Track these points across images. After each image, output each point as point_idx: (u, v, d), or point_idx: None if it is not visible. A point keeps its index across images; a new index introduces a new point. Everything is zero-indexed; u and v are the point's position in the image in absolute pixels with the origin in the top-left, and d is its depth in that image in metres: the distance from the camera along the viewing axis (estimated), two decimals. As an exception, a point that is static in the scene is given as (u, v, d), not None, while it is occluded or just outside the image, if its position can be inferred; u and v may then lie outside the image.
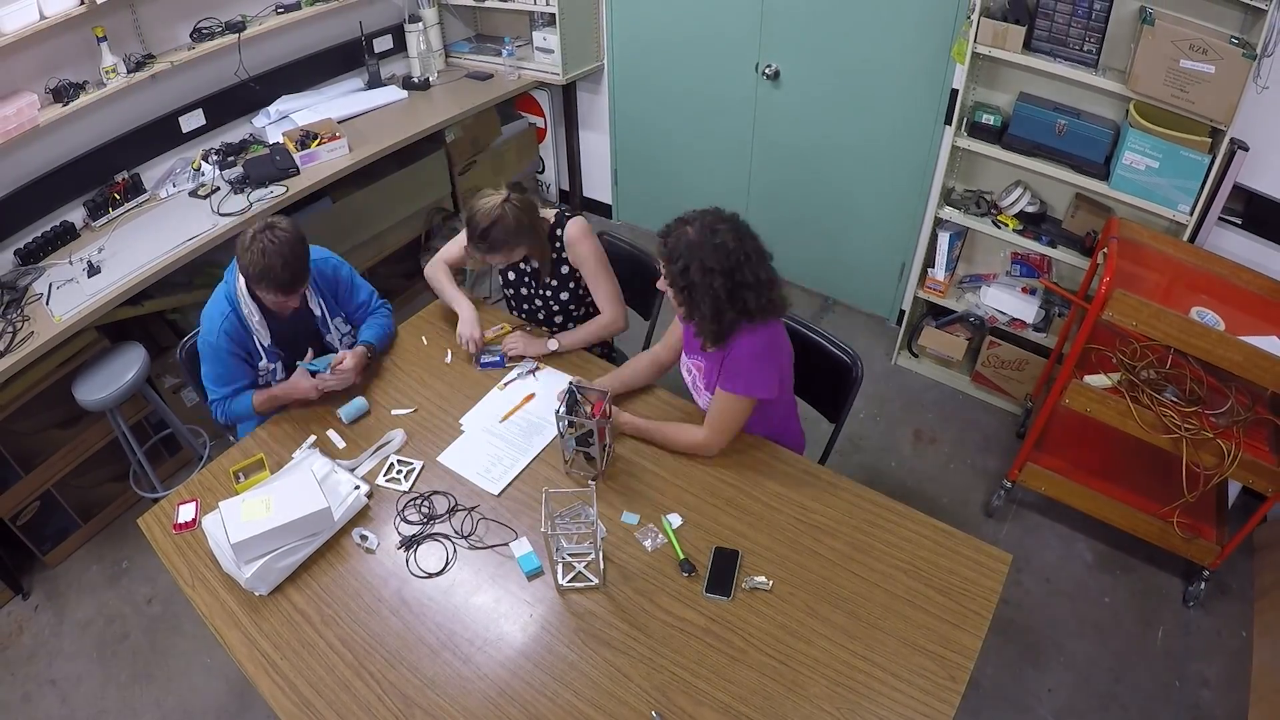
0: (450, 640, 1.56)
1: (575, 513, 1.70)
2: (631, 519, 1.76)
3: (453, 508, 1.80)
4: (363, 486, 1.81)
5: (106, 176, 2.87)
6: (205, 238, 2.66)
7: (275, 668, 1.53)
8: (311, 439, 1.99)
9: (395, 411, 2.06)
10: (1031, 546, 2.66)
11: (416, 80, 3.66)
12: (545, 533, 1.54)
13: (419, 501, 1.82)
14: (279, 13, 3.16)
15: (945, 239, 2.99)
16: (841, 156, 3.34)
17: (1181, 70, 2.23)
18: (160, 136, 3.00)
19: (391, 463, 1.91)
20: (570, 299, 2.30)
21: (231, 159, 3.05)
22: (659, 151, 3.92)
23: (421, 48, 3.67)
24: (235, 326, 2.00)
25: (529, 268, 2.28)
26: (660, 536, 1.72)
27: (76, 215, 2.81)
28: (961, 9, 2.74)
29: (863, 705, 1.44)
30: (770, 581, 1.62)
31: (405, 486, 1.85)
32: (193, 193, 2.92)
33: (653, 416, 1.97)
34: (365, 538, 1.74)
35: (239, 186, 2.91)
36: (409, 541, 1.73)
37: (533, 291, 2.31)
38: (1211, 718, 2.22)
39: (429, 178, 3.55)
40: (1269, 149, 2.34)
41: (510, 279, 2.34)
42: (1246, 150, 2.33)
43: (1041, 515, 2.76)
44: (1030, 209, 2.84)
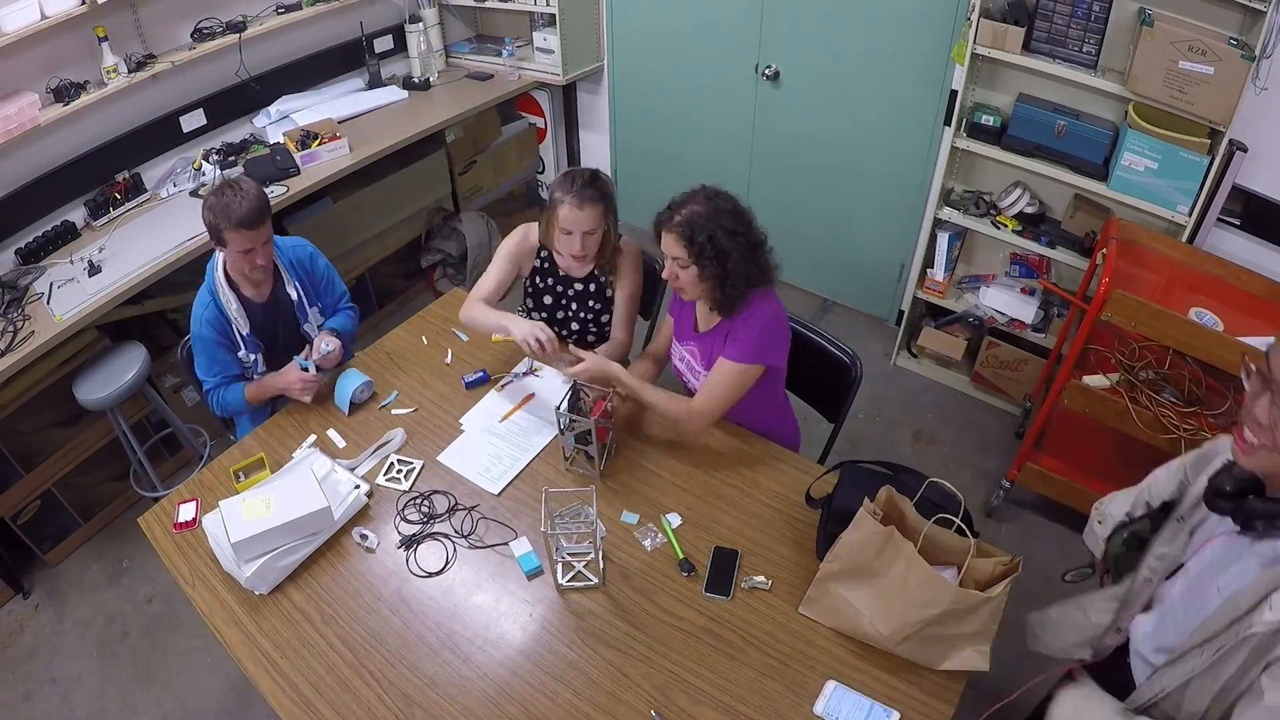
0: (450, 639, 1.56)
1: (575, 512, 1.70)
2: (631, 519, 1.76)
3: (453, 507, 1.81)
4: (363, 486, 1.82)
5: (107, 176, 2.87)
6: (206, 237, 2.65)
7: (275, 667, 1.53)
8: (312, 438, 1.99)
9: (395, 411, 2.06)
10: (1031, 546, 2.66)
11: (417, 80, 3.66)
12: (545, 532, 1.54)
13: (419, 501, 1.82)
14: (280, 13, 3.17)
15: (944, 239, 3.00)
16: (841, 157, 3.34)
17: (1180, 71, 2.23)
18: (161, 136, 3.01)
19: (391, 462, 1.91)
20: (610, 321, 2.25)
21: (232, 159, 3.06)
22: (659, 152, 3.92)
23: (422, 48, 3.67)
24: (216, 316, 2.06)
25: (571, 289, 2.20)
26: (660, 536, 1.73)
27: (77, 215, 2.81)
28: (961, 10, 2.74)
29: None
30: (770, 581, 1.62)
31: (405, 486, 1.86)
32: (193, 192, 2.92)
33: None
34: (365, 537, 1.74)
35: (239, 186, 2.92)
36: (409, 541, 1.74)
37: (571, 314, 2.23)
38: (1210, 718, 2.23)
39: (429, 178, 3.55)
40: (1268, 150, 2.35)
41: (547, 303, 2.25)
42: (1245, 151, 2.33)
43: (1040, 515, 2.77)
44: (1029, 210, 2.84)
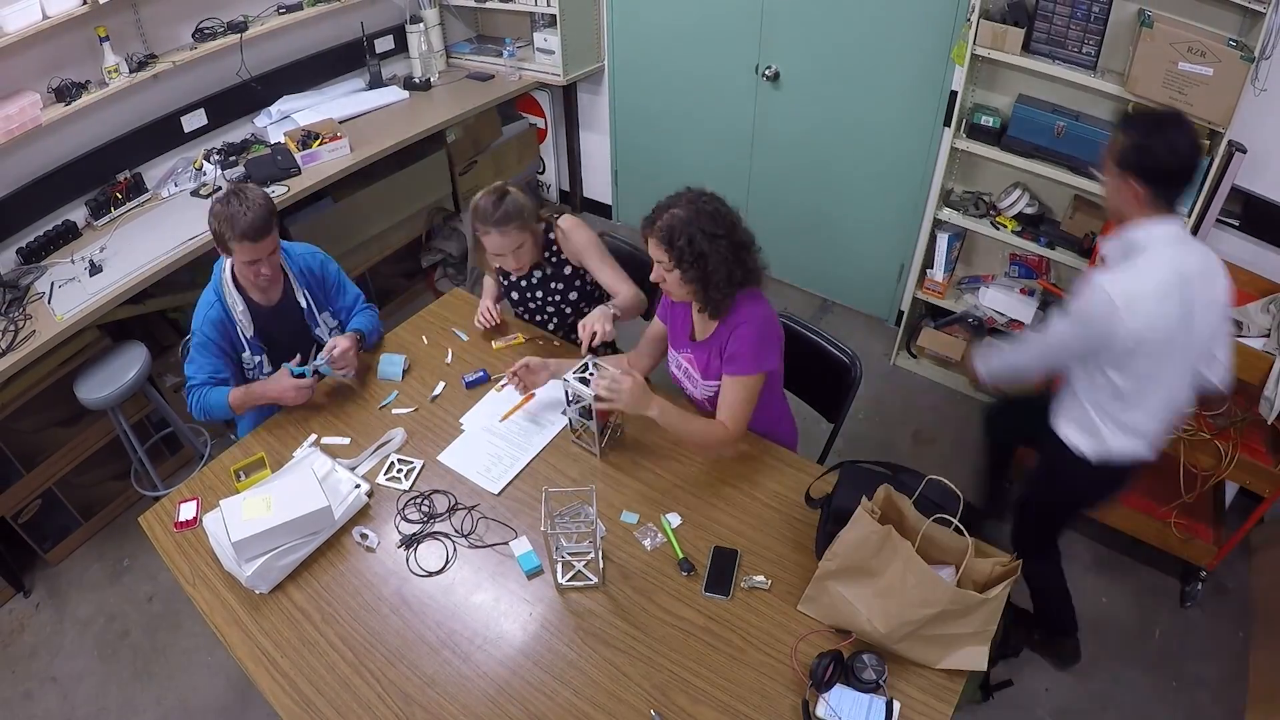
0: (450, 638, 1.56)
1: (575, 512, 1.70)
2: (631, 518, 1.77)
3: (453, 506, 1.81)
4: (363, 485, 1.82)
5: (108, 176, 2.88)
6: (206, 237, 2.64)
7: (276, 666, 1.53)
8: (312, 437, 1.99)
9: (396, 411, 2.06)
10: (1030, 547, 2.67)
11: (418, 81, 3.67)
12: (545, 531, 1.54)
13: (419, 500, 1.82)
14: (281, 13, 3.17)
15: (944, 240, 3.00)
16: (841, 157, 3.34)
17: (1180, 72, 2.23)
18: (162, 136, 3.01)
19: (392, 462, 1.92)
20: (580, 297, 2.30)
21: (233, 159, 3.06)
22: (659, 152, 3.93)
23: (423, 48, 3.68)
24: (220, 316, 2.03)
25: (532, 280, 2.27)
26: (659, 535, 1.73)
27: (78, 214, 2.81)
28: (961, 11, 2.75)
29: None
30: (769, 581, 1.63)
31: (405, 485, 1.86)
32: (194, 192, 2.93)
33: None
34: (365, 536, 1.75)
35: (240, 186, 2.92)
36: (409, 540, 1.74)
37: (541, 303, 2.31)
38: (1209, 718, 2.23)
39: (430, 178, 3.56)
40: (1267, 151, 2.35)
41: (514, 299, 2.33)
42: (1244, 152, 2.33)
43: (1040, 516, 2.77)
44: (1029, 210, 2.85)
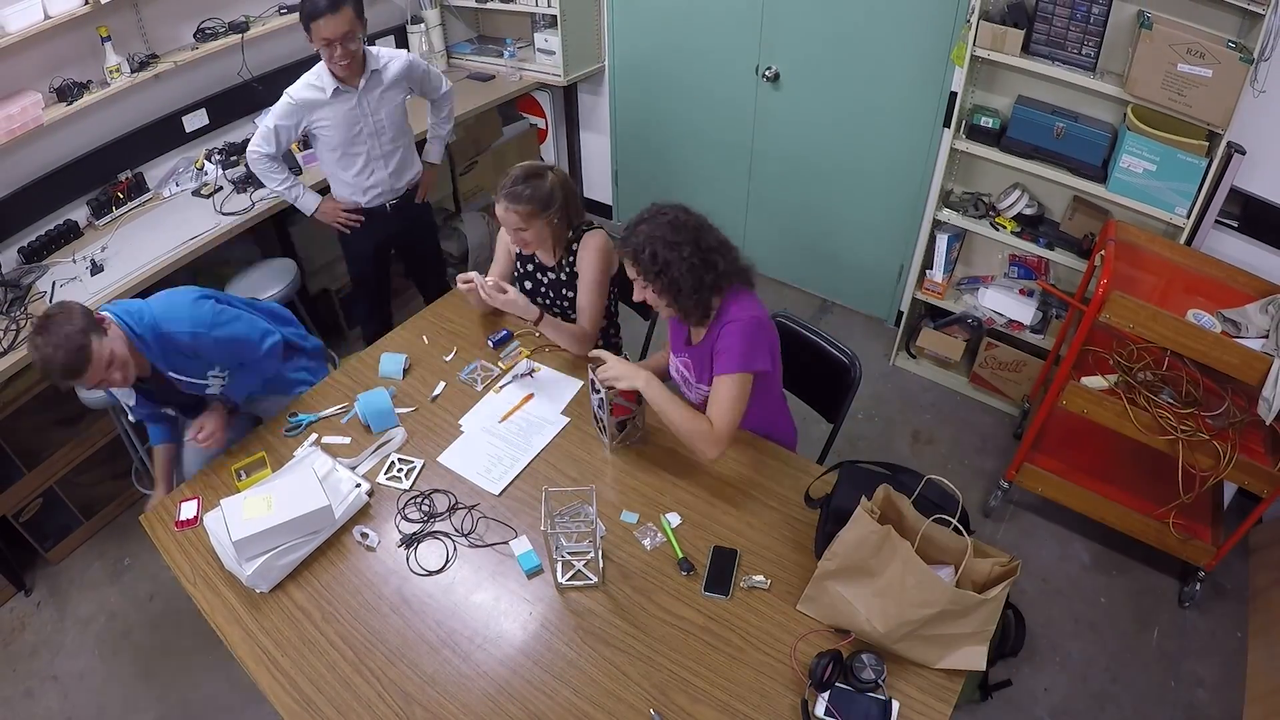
0: (450, 638, 1.57)
1: (574, 511, 1.71)
2: (631, 518, 1.77)
3: (453, 506, 1.81)
4: (363, 485, 1.82)
5: (110, 175, 2.88)
6: (208, 237, 2.68)
7: (276, 665, 1.54)
8: (313, 437, 2.00)
9: (396, 410, 2.06)
10: (1028, 547, 2.67)
11: (418, 81, 3.67)
12: (545, 531, 1.55)
13: (419, 500, 1.83)
14: (282, 13, 3.17)
15: (943, 241, 3.00)
16: (841, 158, 3.35)
17: (1179, 74, 2.24)
18: (163, 136, 3.02)
19: (392, 461, 1.92)
20: None
21: (234, 158, 3.07)
22: (659, 152, 3.93)
23: (423, 49, 3.68)
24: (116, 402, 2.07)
25: (545, 278, 2.27)
26: (659, 535, 1.74)
27: (80, 214, 2.82)
28: (961, 12, 2.75)
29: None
30: (769, 580, 1.63)
31: (406, 485, 1.87)
32: (195, 192, 2.94)
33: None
34: (366, 535, 1.75)
35: (242, 186, 2.93)
36: (409, 539, 1.74)
37: (552, 301, 2.30)
38: (1206, 718, 2.23)
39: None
40: (1265, 152, 2.36)
41: (528, 287, 2.33)
42: (1243, 154, 2.34)
43: (1038, 516, 2.78)
44: (1028, 211, 2.85)
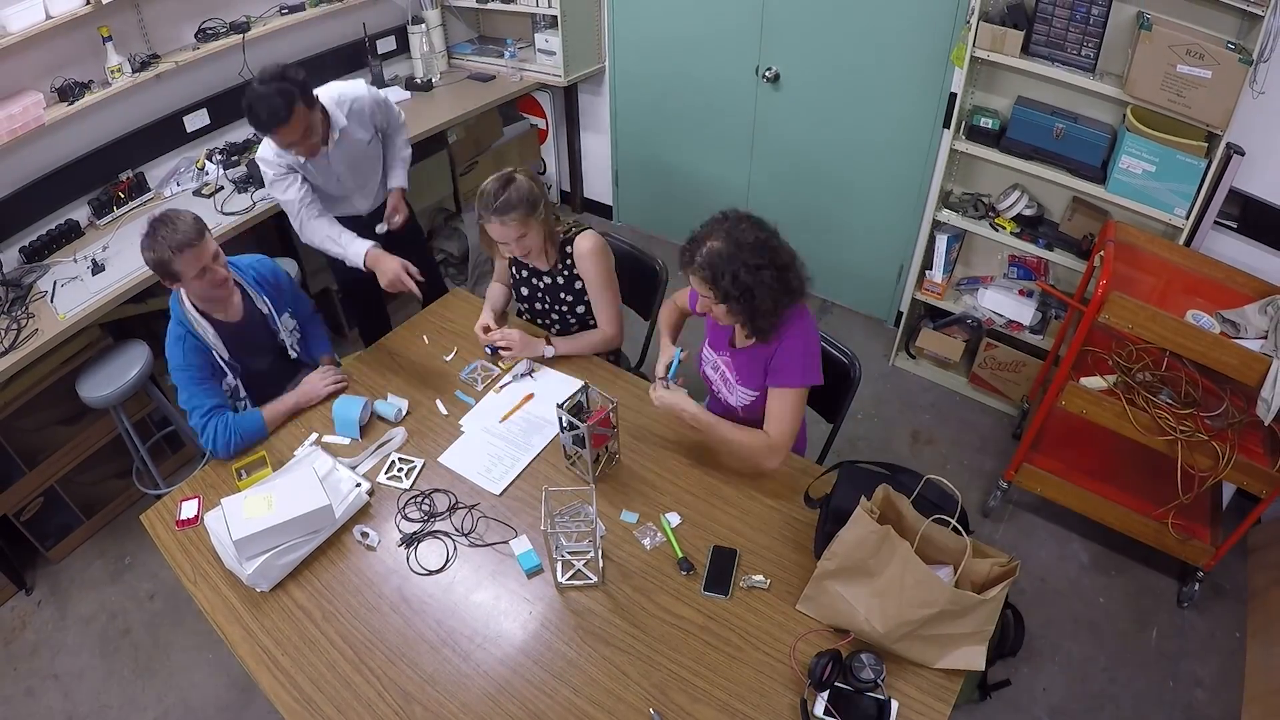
0: (450, 637, 1.57)
1: (574, 511, 1.71)
2: (630, 517, 1.78)
3: (453, 505, 1.82)
4: (364, 484, 1.83)
5: (111, 175, 2.89)
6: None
7: (276, 663, 1.54)
8: (313, 436, 2.00)
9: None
10: (1027, 547, 2.68)
11: (419, 81, 3.68)
12: (545, 531, 1.55)
13: (420, 499, 1.83)
14: (283, 14, 3.18)
15: (943, 241, 3.01)
16: (840, 158, 3.35)
17: (1178, 75, 2.24)
18: (165, 136, 3.02)
19: (392, 461, 1.93)
20: (586, 312, 2.28)
21: (235, 158, 3.07)
22: (659, 153, 3.94)
23: (424, 49, 3.69)
24: (195, 347, 2.00)
25: (542, 283, 2.26)
26: (659, 535, 1.74)
27: (81, 214, 2.82)
28: (960, 13, 2.75)
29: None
30: (768, 580, 1.64)
31: (406, 484, 1.87)
32: (197, 192, 2.94)
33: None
34: (366, 535, 1.75)
35: (243, 186, 2.93)
36: (410, 539, 1.75)
37: (547, 307, 2.30)
38: (1205, 718, 2.24)
39: (431, 178, 3.56)
40: (1264, 153, 2.36)
41: (523, 293, 2.32)
42: (1242, 155, 2.34)
43: (1037, 516, 2.78)
44: (1028, 212, 2.85)
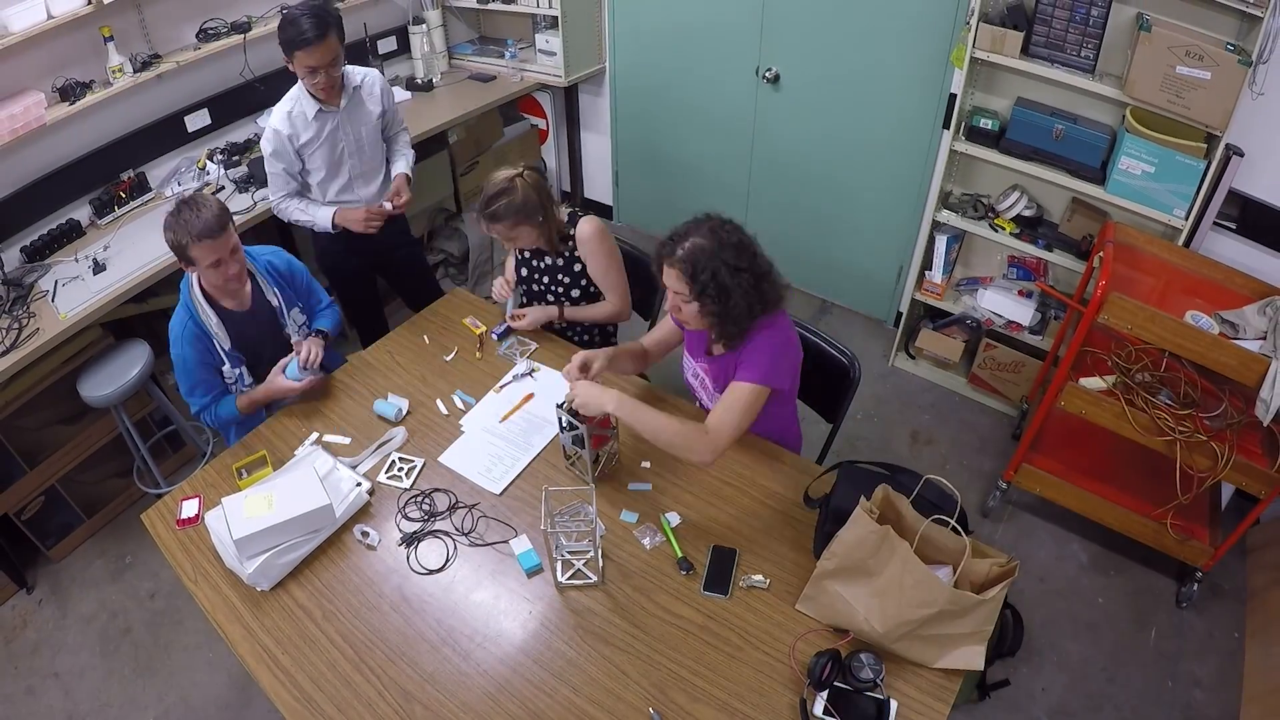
0: (450, 636, 1.58)
1: (574, 511, 1.71)
2: (630, 517, 1.78)
3: (453, 505, 1.82)
4: (364, 484, 1.83)
5: (112, 175, 2.89)
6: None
7: (276, 662, 1.55)
8: (314, 436, 2.01)
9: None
10: (1026, 547, 2.68)
11: (420, 81, 3.68)
12: (545, 530, 1.56)
13: (420, 499, 1.84)
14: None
15: (942, 242, 3.01)
16: (840, 159, 3.36)
17: (1178, 76, 2.24)
18: (166, 136, 3.02)
19: (393, 460, 1.93)
20: (582, 295, 2.30)
21: (236, 158, 3.08)
22: (659, 153, 3.94)
23: (425, 49, 3.69)
24: (196, 333, 2.03)
25: (542, 264, 2.28)
26: (659, 535, 1.74)
27: (82, 213, 2.83)
28: (960, 14, 2.76)
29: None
30: (768, 580, 1.64)
31: (406, 484, 1.88)
32: (197, 191, 2.93)
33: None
34: (366, 534, 1.76)
35: (244, 186, 2.94)
36: (410, 538, 1.75)
37: (545, 288, 2.32)
38: (1203, 718, 2.24)
39: (431, 178, 3.56)
40: (1264, 154, 2.36)
41: (523, 274, 2.34)
42: (1241, 156, 2.35)
43: (1036, 516, 2.78)
44: (1027, 213, 2.86)
